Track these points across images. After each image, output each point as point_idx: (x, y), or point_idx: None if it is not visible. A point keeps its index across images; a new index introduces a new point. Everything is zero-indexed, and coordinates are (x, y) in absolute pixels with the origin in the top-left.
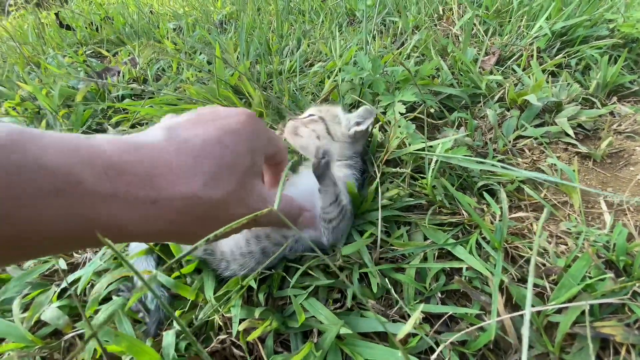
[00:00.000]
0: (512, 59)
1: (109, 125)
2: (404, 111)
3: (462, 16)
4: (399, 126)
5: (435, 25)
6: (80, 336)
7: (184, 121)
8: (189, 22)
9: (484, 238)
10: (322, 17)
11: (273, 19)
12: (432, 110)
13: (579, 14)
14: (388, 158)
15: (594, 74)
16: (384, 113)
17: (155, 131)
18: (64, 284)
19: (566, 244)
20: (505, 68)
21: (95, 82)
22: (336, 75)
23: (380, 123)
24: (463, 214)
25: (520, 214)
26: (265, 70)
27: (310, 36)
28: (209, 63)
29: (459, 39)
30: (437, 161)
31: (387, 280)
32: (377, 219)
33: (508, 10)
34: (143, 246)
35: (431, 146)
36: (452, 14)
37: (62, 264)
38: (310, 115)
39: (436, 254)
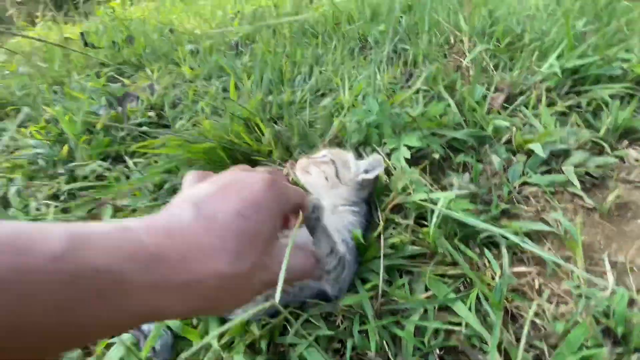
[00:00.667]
0: (521, 96)
1: (126, 155)
2: (408, 156)
3: (473, 47)
4: (403, 173)
5: (446, 56)
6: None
7: (209, 195)
8: (205, 46)
9: (485, 293)
10: (334, 41)
11: (287, 43)
12: (436, 156)
13: (592, 52)
14: (393, 205)
15: (605, 117)
16: (389, 155)
17: (184, 210)
18: None
19: (567, 303)
20: (515, 106)
21: (115, 110)
22: (344, 114)
23: (385, 167)
24: (466, 265)
25: (522, 268)
26: (277, 101)
27: (322, 62)
28: (224, 90)
29: (468, 72)
30: (439, 213)
31: (387, 332)
32: (380, 268)
33: (519, 46)
34: None
35: (432, 198)
36: (463, 44)
37: None
38: (323, 155)
39: (437, 306)
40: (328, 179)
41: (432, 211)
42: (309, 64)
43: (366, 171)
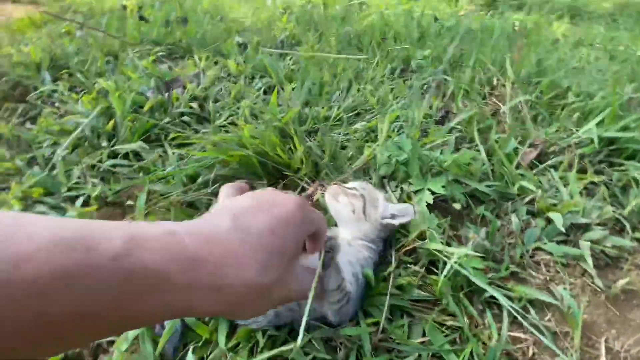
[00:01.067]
0: (554, 156)
1: (166, 140)
2: (431, 201)
3: (514, 94)
4: (423, 219)
5: (485, 97)
6: (110, 341)
7: (245, 208)
8: (253, 42)
9: (479, 353)
10: (377, 57)
11: (332, 50)
12: (457, 207)
13: (634, 123)
14: (407, 250)
15: (633, 197)
16: (415, 193)
17: (222, 220)
18: None
19: None
20: (545, 166)
21: (162, 95)
22: (377, 145)
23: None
24: (465, 321)
25: (520, 333)
26: (313, 113)
27: (362, 77)
28: (265, 92)
29: (505, 119)
30: (451, 267)
31: None
32: (384, 306)
33: (561, 103)
34: None
35: (447, 252)
36: (505, 89)
37: None
38: (354, 188)
39: (431, 353)
40: (355, 212)
41: (444, 263)
42: (348, 78)
43: (393, 216)
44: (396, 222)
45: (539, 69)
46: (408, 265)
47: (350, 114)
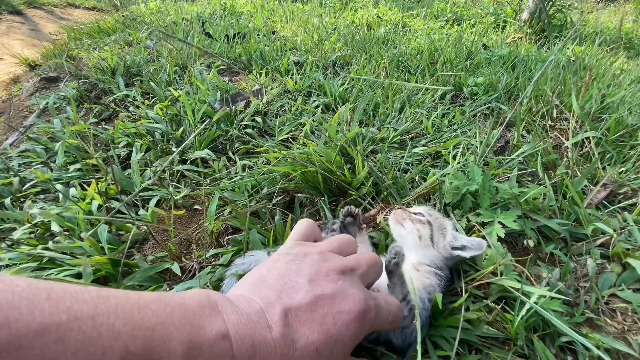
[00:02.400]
0: (622, 197)
1: (231, 150)
2: (503, 235)
3: (578, 129)
4: (497, 254)
5: (545, 129)
6: None
7: (301, 307)
8: (308, 60)
9: None
10: (428, 82)
11: (382, 72)
12: (531, 243)
13: None
14: (480, 283)
15: None
16: (482, 225)
17: (275, 315)
18: (174, 290)
19: None
20: (615, 207)
21: (230, 108)
22: (441, 173)
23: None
24: None
25: None
26: (370, 135)
27: (414, 102)
28: (322, 111)
29: (568, 154)
30: (528, 309)
31: None
32: (454, 340)
33: (629, 142)
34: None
35: (525, 291)
36: (568, 124)
37: (175, 267)
38: (420, 213)
39: None
40: (421, 239)
41: (521, 302)
42: (401, 100)
43: (463, 247)
44: (467, 254)
45: (602, 105)
46: (478, 298)
47: (405, 136)
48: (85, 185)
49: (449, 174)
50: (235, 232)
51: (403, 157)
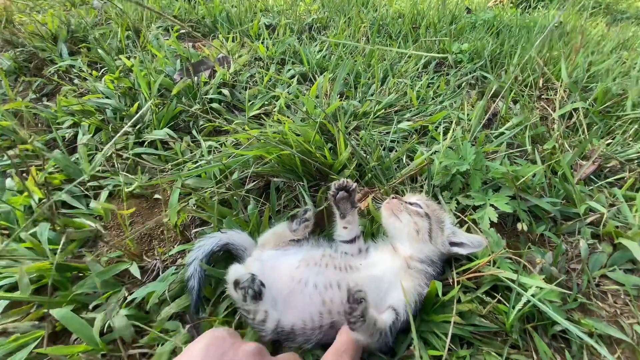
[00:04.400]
0: (610, 171)
1: (196, 128)
2: (495, 219)
3: (565, 99)
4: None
5: (533, 102)
6: (143, 354)
7: None
8: (281, 24)
9: None
10: (410, 49)
11: (362, 37)
12: (525, 228)
13: None
14: (473, 275)
15: None
16: (474, 209)
17: None
18: (134, 295)
19: None
20: (602, 182)
21: (191, 80)
22: (429, 151)
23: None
24: (533, 357)
25: None
26: (352, 109)
27: (397, 71)
28: (299, 82)
29: (554, 126)
30: (525, 303)
31: None
32: (445, 336)
33: (615, 113)
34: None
35: (522, 283)
36: (555, 94)
37: (135, 268)
38: (417, 204)
39: None
40: (419, 233)
41: (518, 294)
42: (384, 69)
43: (460, 243)
44: (465, 251)
45: (589, 74)
46: (469, 288)
47: (389, 110)
48: (26, 175)
49: (437, 152)
50: (203, 224)
51: (388, 133)
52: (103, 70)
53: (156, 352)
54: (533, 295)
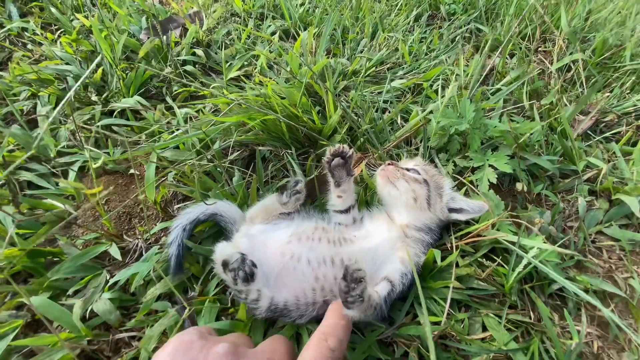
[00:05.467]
0: (605, 126)
1: (169, 95)
2: (495, 180)
3: (564, 51)
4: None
5: (527, 54)
6: (132, 337)
7: None
8: None
9: (544, 347)
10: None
11: None
12: (524, 188)
13: None
14: (472, 240)
15: None
16: (472, 170)
17: None
18: (117, 277)
19: None
20: (599, 137)
21: (160, 39)
22: (424, 111)
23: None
24: (530, 316)
25: (581, 327)
26: (340, 69)
27: (387, 25)
28: (281, 38)
29: (552, 80)
30: (526, 265)
31: None
32: (444, 301)
33: (612, 65)
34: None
35: (523, 245)
36: (553, 46)
37: (114, 249)
38: (414, 170)
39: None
40: (417, 201)
41: (518, 256)
42: (373, 23)
43: (460, 209)
44: (464, 217)
45: (587, 24)
46: (467, 252)
47: (380, 67)
48: None
49: (434, 111)
50: (186, 199)
51: (380, 93)
52: (59, 32)
53: (145, 335)
54: (534, 257)
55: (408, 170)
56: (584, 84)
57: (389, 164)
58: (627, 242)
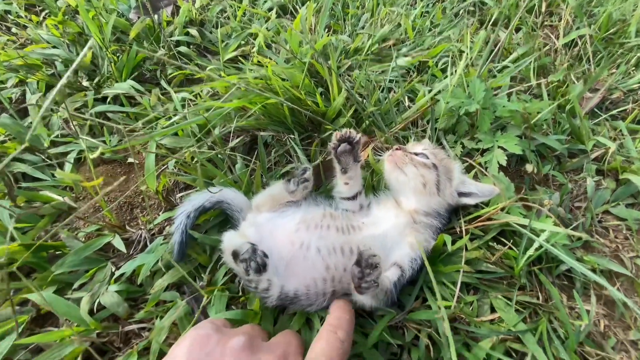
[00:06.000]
0: (611, 103)
1: (164, 78)
2: (504, 162)
3: (570, 23)
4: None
5: (534, 28)
6: (142, 328)
7: None
8: None
9: (552, 327)
10: None
11: None
12: (534, 170)
13: None
14: (482, 223)
15: None
16: (481, 153)
17: None
18: (122, 270)
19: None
20: (604, 114)
21: (151, 18)
22: (432, 91)
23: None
24: (538, 296)
25: (588, 307)
26: (342, 47)
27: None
28: (278, 15)
29: (558, 56)
30: (537, 248)
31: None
32: (454, 285)
33: (617, 40)
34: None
35: (534, 228)
36: (559, 20)
37: (118, 241)
38: (423, 154)
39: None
40: (426, 186)
41: (530, 240)
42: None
43: (470, 193)
44: (473, 201)
45: None
46: (475, 235)
47: (384, 44)
48: None
49: (442, 91)
50: (188, 187)
51: (384, 72)
52: (44, 13)
53: (155, 327)
54: (547, 241)
55: (416, 154)
56: (592, 60)
57: (396, 149)
58: (633, 221)
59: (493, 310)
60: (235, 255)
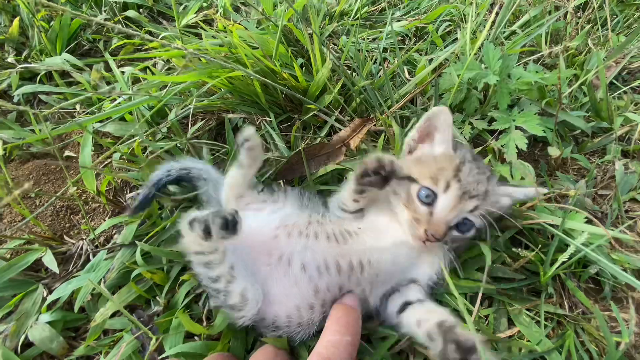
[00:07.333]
0: (628, 73)
1: (107, 50)
2: (525, 147)
3: None
4: (522, 177)
5: None
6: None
7: None
8: None
9: (581, 341)
10: None
11: None
12: (559, 155)
13: None
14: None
15: None
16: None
17: None
18: (57, 294)
19: None
20: (624, 86)
21: None
22: (435, 63)
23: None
24: (563, 305)
25: (623, 315)
26: (325, 9)
27: None
28: None
29: (572, 20)
30: (572, 253)
31: None
32: (469, 295)
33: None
34: None
35: (567, 229)
36: None
37: (49, 257)
38: (469, 223)
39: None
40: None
41: (565, 244)
42: None
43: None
44: (507, 202)
45: None
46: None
47: (373, 8)
48: None
49: (447, 61)
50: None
51: (375, 40)
52: None
53: None
54: (585, 244)
55: (464, 224)
56: (609, 24)
57: (432, 237)
58: None
59: (510, 322)
60: (193, 222)
